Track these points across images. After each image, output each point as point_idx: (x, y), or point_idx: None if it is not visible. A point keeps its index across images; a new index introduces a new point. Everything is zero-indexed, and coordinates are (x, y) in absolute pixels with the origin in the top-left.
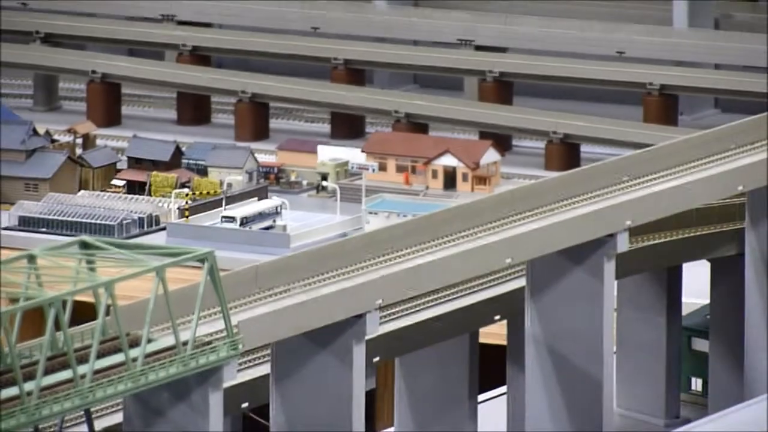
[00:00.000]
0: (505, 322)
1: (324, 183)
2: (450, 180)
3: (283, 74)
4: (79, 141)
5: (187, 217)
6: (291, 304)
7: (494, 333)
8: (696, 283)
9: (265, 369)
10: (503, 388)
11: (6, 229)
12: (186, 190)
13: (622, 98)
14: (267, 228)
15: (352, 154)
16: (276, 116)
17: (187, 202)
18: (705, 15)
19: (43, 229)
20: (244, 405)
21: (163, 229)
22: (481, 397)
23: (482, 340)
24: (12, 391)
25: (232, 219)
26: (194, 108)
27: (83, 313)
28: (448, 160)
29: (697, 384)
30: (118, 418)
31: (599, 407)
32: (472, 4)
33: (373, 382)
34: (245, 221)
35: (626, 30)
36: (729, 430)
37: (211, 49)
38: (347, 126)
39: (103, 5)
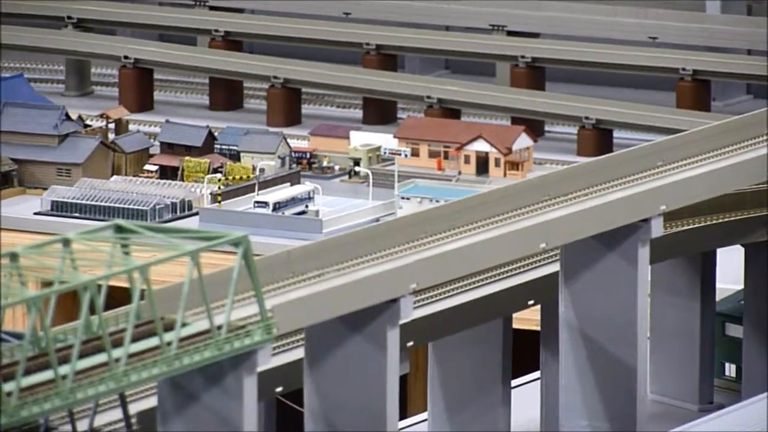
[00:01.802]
0: (538, 307)
1: (356, 168)
2: (482, 165)
3: (314, 60)
4: (112, 126)
5: (219, 202)
6: (324, 289)
7: (528, 318)
8: (730, 269)
9: (300, 353)
10: (537, 374)
11: (39, 213)
12: (218, 175)
13: (655, 84)
14: (299, 213)
15: (384, 139)
16: (308, 102)
17: (219, 187)
18: (737, 0)
19: (76, 214)
20: (279, 389)
21: (196, 214)
22: (514, 383)
23: (516, 325)
24: (47, 375)
25: (264, 204)
26: (226, 93)
27: (115, 297)
28: (481, 146)
29: (730, 370)
30: (152, 402)
31: (633, 392)
32: None
33: (406, 367)
34: (278, 206)
35: (659, 15)
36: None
37: (243, 34)
38: (379, 111)
39: None
